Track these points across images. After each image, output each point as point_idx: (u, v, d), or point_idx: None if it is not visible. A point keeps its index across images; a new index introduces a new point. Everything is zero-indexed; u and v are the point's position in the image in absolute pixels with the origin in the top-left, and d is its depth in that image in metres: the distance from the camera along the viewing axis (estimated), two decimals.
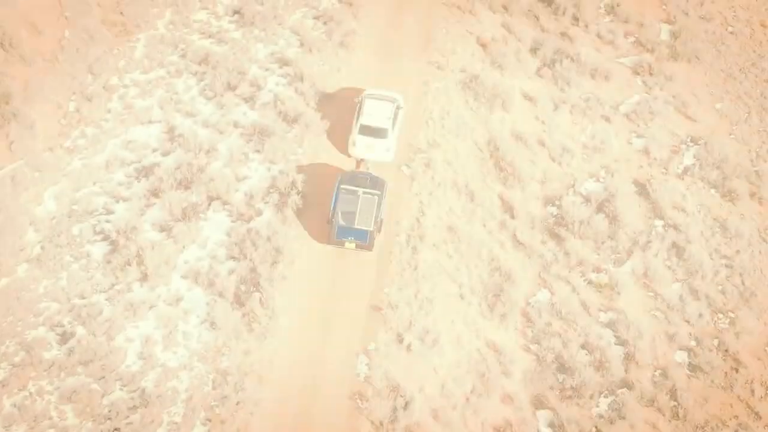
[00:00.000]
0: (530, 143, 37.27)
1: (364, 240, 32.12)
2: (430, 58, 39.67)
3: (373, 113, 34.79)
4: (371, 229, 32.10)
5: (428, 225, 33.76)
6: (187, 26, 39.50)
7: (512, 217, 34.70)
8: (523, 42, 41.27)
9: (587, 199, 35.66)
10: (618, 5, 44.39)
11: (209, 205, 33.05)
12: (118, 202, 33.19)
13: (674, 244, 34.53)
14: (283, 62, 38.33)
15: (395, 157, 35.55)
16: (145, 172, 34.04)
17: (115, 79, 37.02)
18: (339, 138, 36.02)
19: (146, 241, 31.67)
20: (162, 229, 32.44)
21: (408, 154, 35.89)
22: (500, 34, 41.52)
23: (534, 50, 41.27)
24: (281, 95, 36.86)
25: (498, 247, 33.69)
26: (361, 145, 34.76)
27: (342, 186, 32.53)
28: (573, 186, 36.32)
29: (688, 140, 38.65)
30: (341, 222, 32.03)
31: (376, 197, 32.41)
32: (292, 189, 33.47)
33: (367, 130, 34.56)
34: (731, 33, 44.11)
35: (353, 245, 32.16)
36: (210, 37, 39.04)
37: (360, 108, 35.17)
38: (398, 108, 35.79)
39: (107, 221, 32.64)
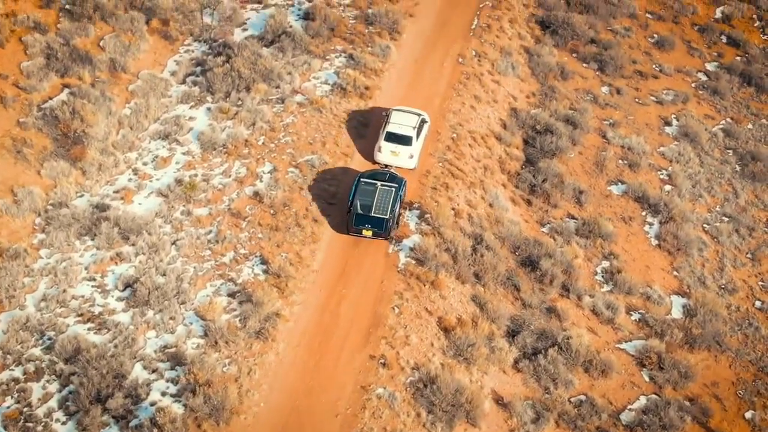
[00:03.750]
0: None
1: (381, 228, 33.43)
2: (373, 351, 30.65)
3: (398, 122, 37.77)
4: (387, 217, 33.33)
5: None
6: (64, 304, 30.80)
7: None
8: (498, 323, 32.65)
9: None
10: (619, 271, 36.20)
11: None
12: None
13: None
14: (177, 361, 29.13)
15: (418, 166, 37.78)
16: None
17: None
18: None
19: None
20: None
21: None
22: (469, 313, 32.86)
23: (512, 335, 32.65)
24: (163, 415, 27.22)
25: None
26: (386, 151, 37.33)
27: (362, 179, 34.56)
28: None
29: None
30: (359, 211, 33.47)
31: (393, 189, 34.12)
32: None
33: (393, 137, 37.29)
34: (760, 309, 35.48)
35: (370, 233, 33.56)
36: (89, 321, 30.21)
37: (387, 118, 38.21)
38: (423, 121, 38.92)
39: None
